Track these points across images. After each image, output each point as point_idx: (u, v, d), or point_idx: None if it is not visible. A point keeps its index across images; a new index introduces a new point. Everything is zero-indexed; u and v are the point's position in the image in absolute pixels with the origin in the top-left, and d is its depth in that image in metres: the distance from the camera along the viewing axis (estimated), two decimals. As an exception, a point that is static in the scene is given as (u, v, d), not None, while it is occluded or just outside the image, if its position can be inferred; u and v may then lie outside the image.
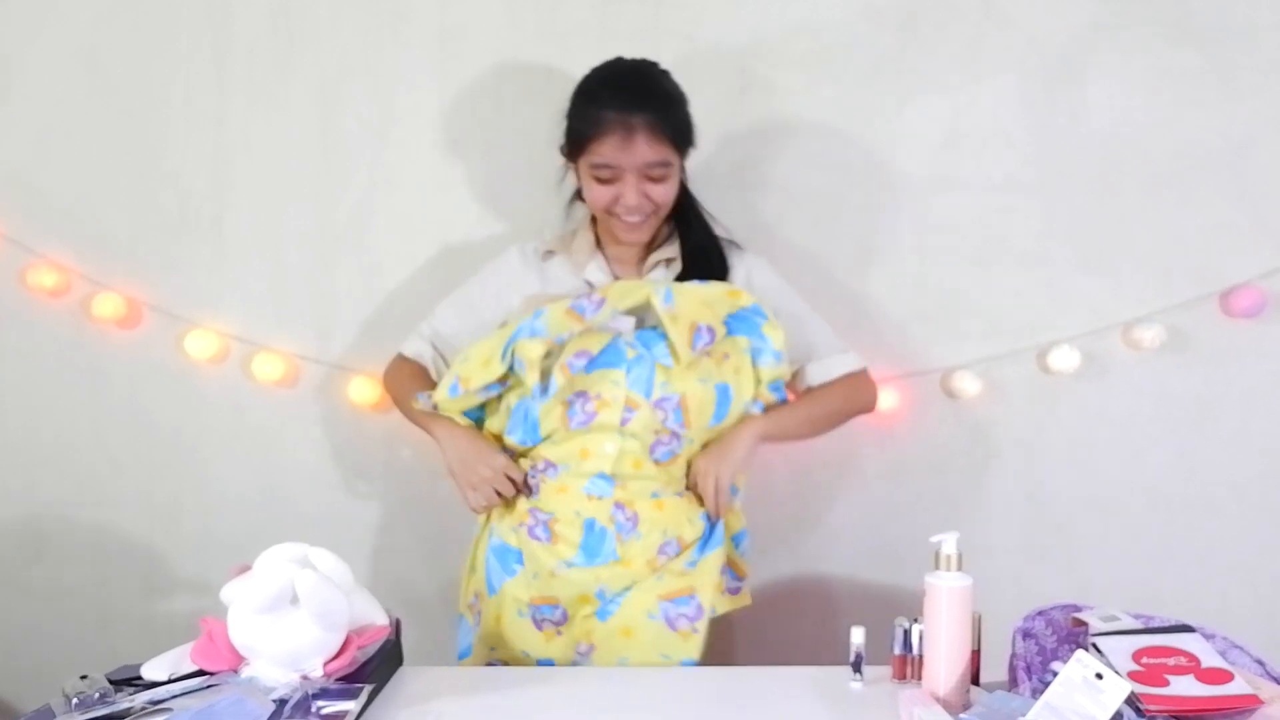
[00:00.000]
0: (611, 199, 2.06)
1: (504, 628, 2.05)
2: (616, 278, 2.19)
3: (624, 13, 2.52)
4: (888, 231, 2.59)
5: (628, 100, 2.02)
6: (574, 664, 2.00)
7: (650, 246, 2.21)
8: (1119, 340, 2.58)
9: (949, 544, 1.56)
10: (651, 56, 2.12)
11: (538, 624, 2.03)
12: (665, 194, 2.08)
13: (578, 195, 2.24)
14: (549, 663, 2.01)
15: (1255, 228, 2.54)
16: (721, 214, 2.25)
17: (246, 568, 1.62)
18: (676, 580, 2.01)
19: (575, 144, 2.08)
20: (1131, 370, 2.59)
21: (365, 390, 2.59)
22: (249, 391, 2.64)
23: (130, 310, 2.60)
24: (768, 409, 2.14)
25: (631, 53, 2.13)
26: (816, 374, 2.23)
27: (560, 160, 2.18)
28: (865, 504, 2.62)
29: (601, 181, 2.06)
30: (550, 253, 2.24)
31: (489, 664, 2.08)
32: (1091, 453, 2.62)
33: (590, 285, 2.17)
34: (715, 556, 2.04)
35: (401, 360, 2.31)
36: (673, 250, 2.20)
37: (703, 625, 1.98)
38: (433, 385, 2.18)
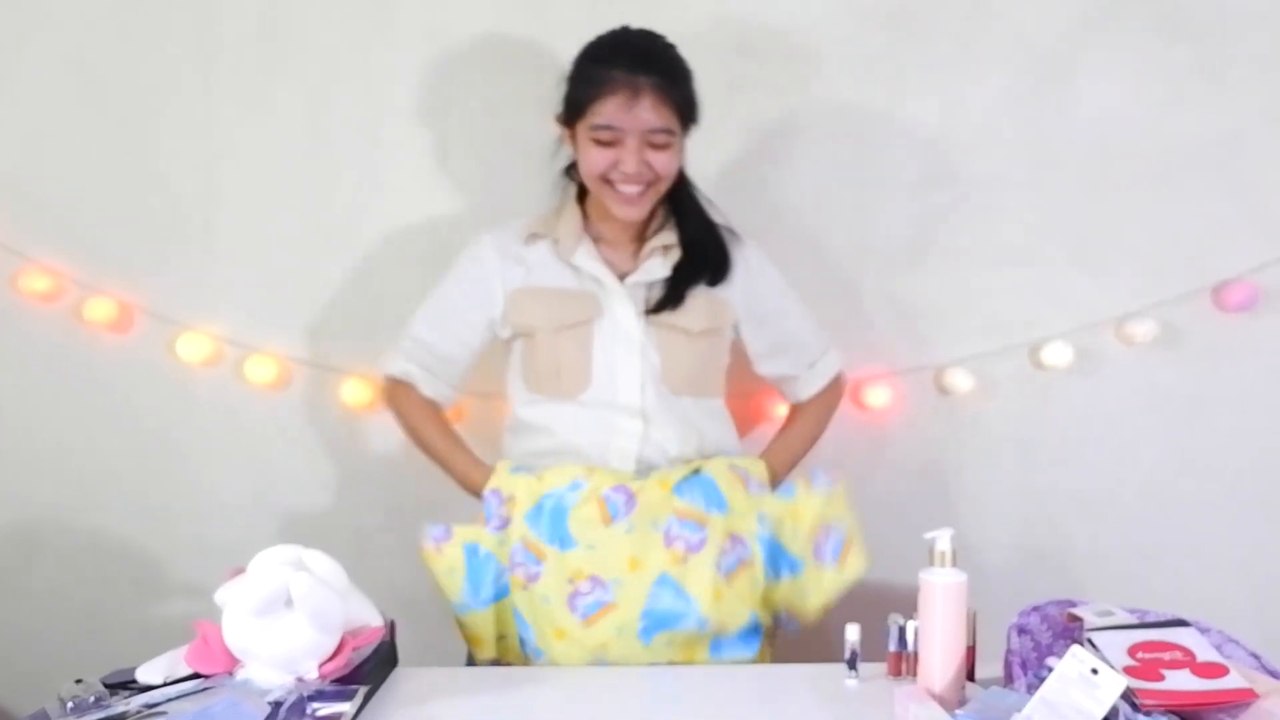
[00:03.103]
0: (609, 164, 1.97)
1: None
2: (609, 264, 2.09)
3: (612, 11, 2.50)
4: (879, 229, 2.59)
5: (635, 62, 1.95)
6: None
7: (644, 233, 2.12)
8: (1112, 336, 2.58)
9: (943, 540, 1.56)
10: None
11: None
12: (666, 165, 1.99)
13: (569, 170, 2.16)
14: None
15: (1247, 222, 2.55)
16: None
17: (241, 570, 1.62)
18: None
19: (576, 106, 2.00)
20: (1124, 366, 2.59)
21: (358, 392, 2.59)
22: (241, 394, 2.63)
23: (122, 314, 2.60)
24: (776, 447, 2.26)
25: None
26: (810, 384, 2.28)
27: (554, 131, 2.11)
28: (858, 501, 2.60)
29: (600, 144, 1.96)
30: (535, 235, 2.13)
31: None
32: (1085, 448, 2.63)
33: (577, 271, 2.08)
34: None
35: (393, 384, 2.19)
36: (670, 237, 2.10)
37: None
38: (428, 405, 2.17)
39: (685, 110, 2.01)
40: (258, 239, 2.61)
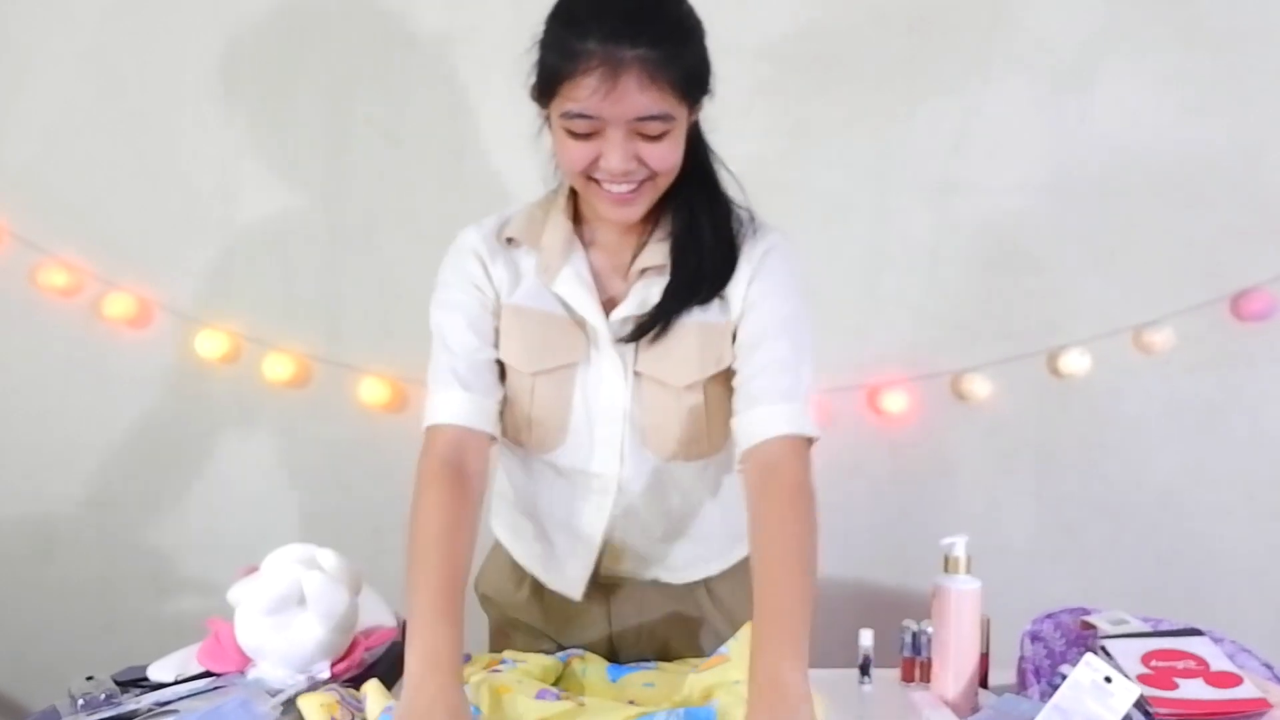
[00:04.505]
0: (588, 160, 1.46)
1: None
2: (601, 286, 1.61)
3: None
4: (898, 234, 2.58)
5: (616, 28, 1.39)
6: None
7: (644, 242, 1.61)
8: (1130, 343, 2.57)
9: (959, 547, 1.56)
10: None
11: None
12: (664, 157, 1.47)
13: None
14: None
15: (1266, 231, 2.54)
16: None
17: (254, 569, 1.62)
18: None
19: (545, 83, 1.47)
20: (1142, 374, 2.58)
21: (375, 390, 2.59)
22: (258, 391, 2.64)
23: (141, 310, 2.60)
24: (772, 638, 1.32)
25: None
26: (768, 424, 1.51)
27: (536, 108, 1.55)
28: (874, 506, 2.62)
29: (577, 136, 1.45)
30: (513, 241, 1.64)
31: None
32: (1101, 456, 2.62)
33: (562, 303, 1.60)
34: None
35: (433, 438, 1.62)
36: (661, 254, 1.58)
37: None
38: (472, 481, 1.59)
39: (688, 84, 1.47)
40: (277, 236, 2.62)
